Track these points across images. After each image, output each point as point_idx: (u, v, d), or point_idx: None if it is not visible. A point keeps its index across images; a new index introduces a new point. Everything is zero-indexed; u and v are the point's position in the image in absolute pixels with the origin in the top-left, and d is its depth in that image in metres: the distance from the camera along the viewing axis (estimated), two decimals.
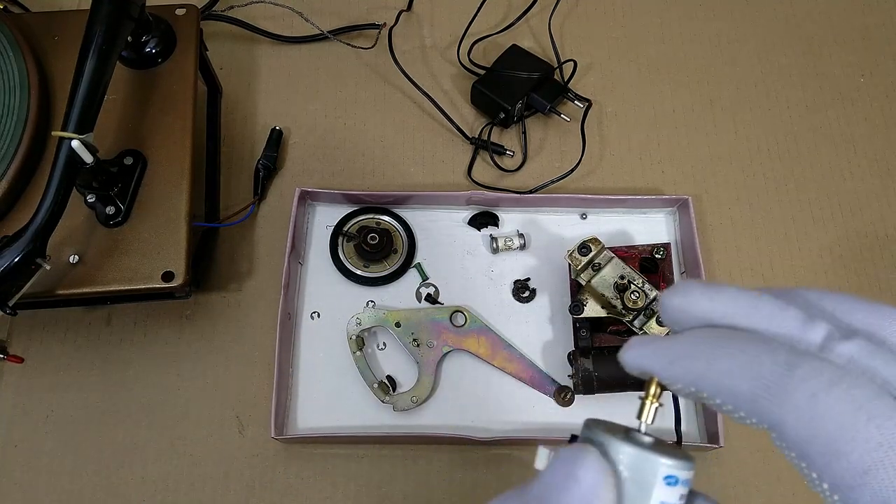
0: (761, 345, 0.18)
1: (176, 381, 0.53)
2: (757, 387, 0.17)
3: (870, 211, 0.59)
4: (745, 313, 0.19)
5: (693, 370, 0.18)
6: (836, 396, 0.16)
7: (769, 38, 0.66)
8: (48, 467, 0.51)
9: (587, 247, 0.51)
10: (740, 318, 0.19)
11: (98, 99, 0.43)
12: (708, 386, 0.18)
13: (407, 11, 0.66)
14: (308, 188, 0.55)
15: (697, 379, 0.18)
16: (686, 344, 0.19)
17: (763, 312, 0.19)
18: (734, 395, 0.17)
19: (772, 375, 0.17)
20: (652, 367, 0.19)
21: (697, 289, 0.20)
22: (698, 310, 0.19)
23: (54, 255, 0.45)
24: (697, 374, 0.18)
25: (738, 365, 0.17)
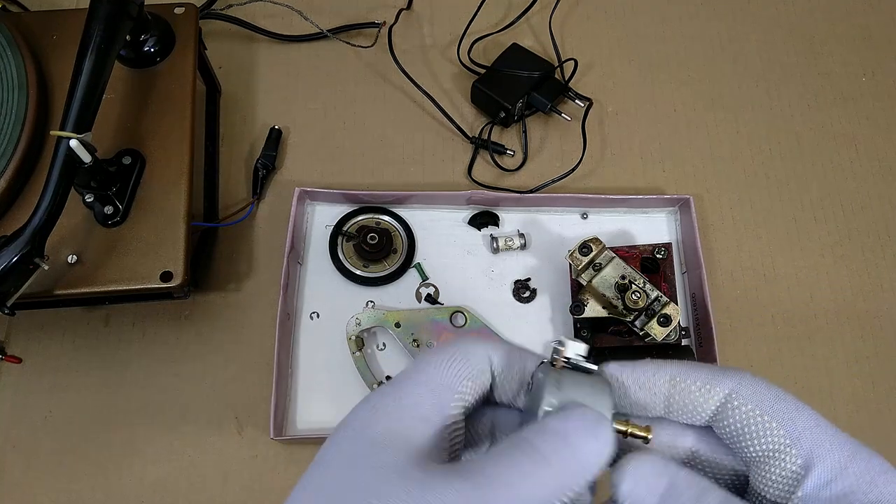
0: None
1: (175, 381, 0.53)
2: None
3: (871, 210, 0.59)
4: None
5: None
6: None
7: (771, 38, 0.66)
8: (48, 467, 0.51)
9: (588, 247, 0.51)
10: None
11: (96, 98, 0.43)
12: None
13: (407, 10, 0.66)
14: (307, 188, 0.55)
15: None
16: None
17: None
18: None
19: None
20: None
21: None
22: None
23: (52, 254, 0.45)
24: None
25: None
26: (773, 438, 0.20)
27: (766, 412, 0.21)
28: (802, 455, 0.20)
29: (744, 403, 0.21)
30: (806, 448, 0.20)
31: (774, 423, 0.20)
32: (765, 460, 0.21)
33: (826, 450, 0.20)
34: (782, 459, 0.20)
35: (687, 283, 0.56)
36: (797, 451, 0.20)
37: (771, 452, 0.20)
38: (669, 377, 0.22)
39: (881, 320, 0.56)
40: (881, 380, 0.54)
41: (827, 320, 0.56)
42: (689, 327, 0.54)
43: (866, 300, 0.56)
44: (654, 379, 0.22)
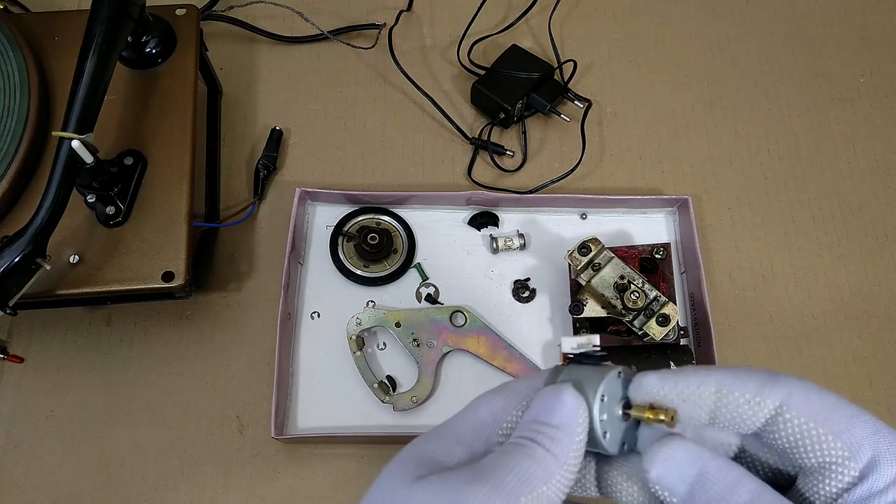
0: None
1: (176, 380, 0.53)
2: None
3: (869, 211, 0.59)
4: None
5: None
6: None
7: (769, 39, 0.66)
8: (48, 467, 0.51)
9: (587, 247, 0.51)
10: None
11: (98, 99, 0.44)
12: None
13: (407, 11, 0.66)
14: (308, 188, 0.55)
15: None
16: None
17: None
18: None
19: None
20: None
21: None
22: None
23: (54, 255, 0.45)
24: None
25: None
26: (829, 451, 0.20)
27: (821, 424, 0.20)
28: (860, 467, 0.19)
29: (796, 416, 0.20)
30: (864, 459, 0.19)
31: (831, 435, 0.20)
32: (819, 471, 0.20)
33: (886, 459, 0.19)
34: (839, 472, 0.19)
35: (685, 283, 0.56)
36: (855, 463, 0.19)
37: (826, 465, 0.20)
38: (715, 389, 0.21)
39: (879, 320, 0.56)
40: (879, 379, 0.54)
41: (825, 320, 0.56)
42: (687, 327, 0.54)
43: (864, 300, 0.57)
44: (700, 392, 0.21)
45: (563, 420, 0.21)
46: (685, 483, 0.20)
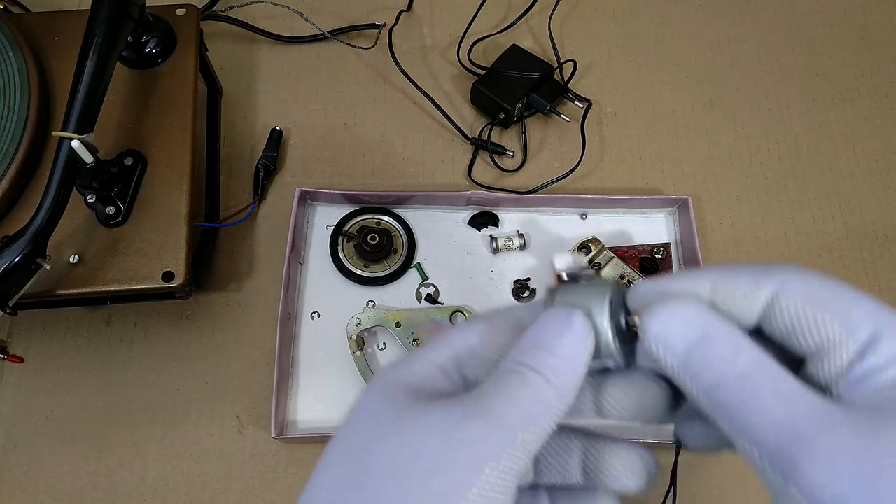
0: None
1: (176, 381, 0.53)
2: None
3: (869, 211, 0.59)
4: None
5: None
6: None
7: (769, 39, 0.66)
8: (48, 467, 0.51)
9: (587, 247, 0.51)
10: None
11: (98, 99, 0.43)
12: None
13: (407, 11, 0.66)
14: (308, 188, 0.55)
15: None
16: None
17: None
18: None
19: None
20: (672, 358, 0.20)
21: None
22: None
23: (54, 255, 0.45)
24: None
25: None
26: (827, 332, 0.19)
27: (819, 306, 0.19)
28: (858, 346, 0.18)
29: (793, 301, 0.19)
30: (863, 339, 0.18)
31: (828, 315, 0.19)
32: (819, 354, 0.19)
33: (886, 337, 0.18)
34: (838, 351, 0.19)
35: None
36: (854, 341, 0.19)
37: (826, 346, 0.19)
38: (710, 286, 0.21)
39: None
40: None
41: None
42: None
43: None
44: (695, 290, 0.21)
45: (568, 350, 0.21)
46: (686, 343, 0.19)
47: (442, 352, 0.23)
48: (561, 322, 0.21)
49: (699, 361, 0.19)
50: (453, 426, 0.19)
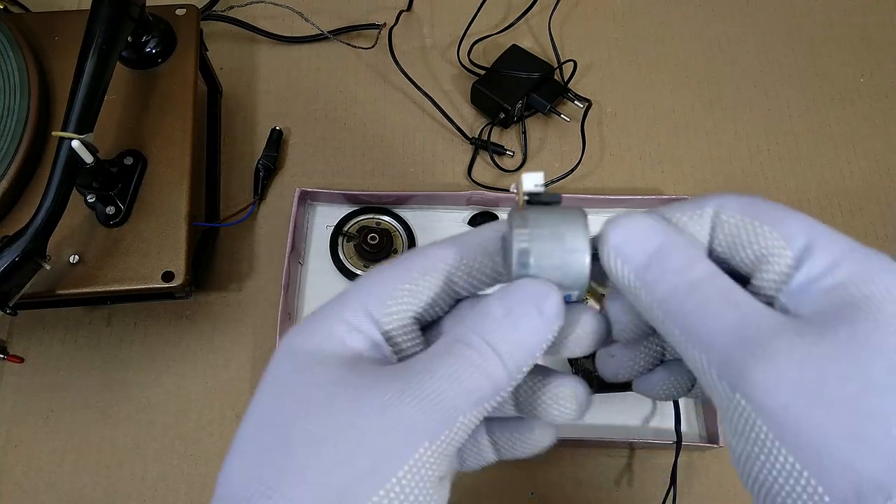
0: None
1: (176, 381, 0.53)
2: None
3: (869, 211, 0.59)
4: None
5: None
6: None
7: (769, 39, 0.66)
8: (48, 467, 0.51)
9: None
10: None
11: (98, 99, 0.43)
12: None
13: (407, 11, 0.66)
14: (308, 188, 0.55)
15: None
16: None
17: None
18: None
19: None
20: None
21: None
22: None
23: (54, 255, 0.45)
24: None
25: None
26: (765, 241, 0.20)
27: (757, 218, 0.20)
28: (795, 253, 0.19)
29: (732, 215, 0.20)
30: (799, 246, 0.19)
31: (766, 226, 0.20)
32: (760, 264, 0.20)
33: (821, 247, 0.19)
34: (776, 261, 0.20)
35: None
36: (791, 250, 0.19)
37: (765, 255, 0.20)
38: (661, 217, 0.21)
39: None
40: None
41: None
42: None
43: None
44: (648, 228, 0.21)
45: (533, 333, 0.20)
46: (645, 253, 0.20)
47: (375, 296, 0.22)
48: (536, 300, 0.20)
49: (655, 271, 0.20)
50: (389, 402, 0.19)
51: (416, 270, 0.22)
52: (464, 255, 0.22)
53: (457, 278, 0.22)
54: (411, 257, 0.22)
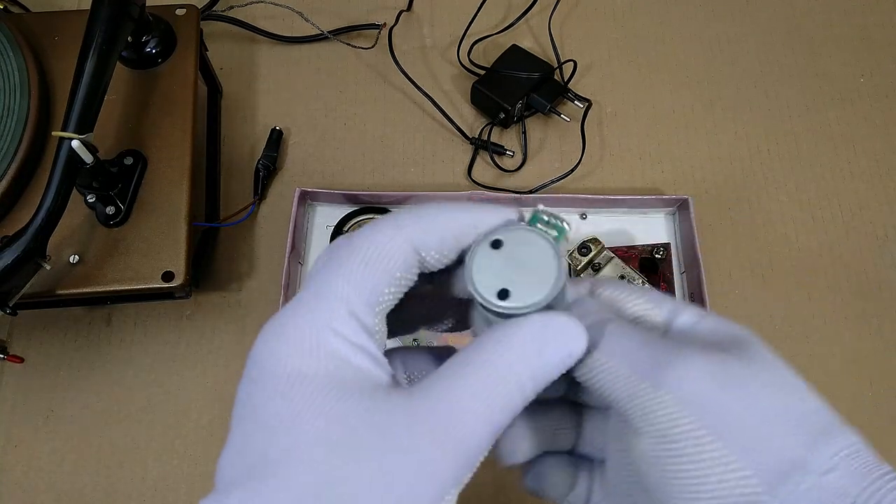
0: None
1: (176, 381, 0.53)
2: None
3: (869, 211, 0.59)
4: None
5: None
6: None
7: (769, 39, 0.66)
8: (48, 467, 0.51)
9: (587, 247, 0.51)
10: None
11: (98, 99, 0.43)
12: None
13: (407, 11, 0.66)
14: (308, 188, 0.55)
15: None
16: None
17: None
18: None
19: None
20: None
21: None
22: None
23: (54, 254, 0.45)
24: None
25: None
26: (637, 305, 0.23)
27: (626, 290, 0.24)
28: (664, 314, 0.23)
29: (604, 289, 0.24)
30: (666, 309, 0.23)
31: (634, 295, 0.23)
32: (639, 321, 0.23)
33: (682, 308, 0.23)
34: (650, 319, 0.23)
35: (685, 283, 0.56)
36: (659, 311, 0.23)
37: (639, 315, 0.23)
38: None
39: (879, 320, 0.56)
40: (879, 379, 0.54)
41: (825, 320, 0.56)
42: None
43: (864, 300, 0.57)
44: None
45: (560, 367, 0.20)
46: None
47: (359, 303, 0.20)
48: (574, 339, 0.20)
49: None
50: (418, 447, 0.18)
51: (396, 265, 0.21)
52: (438, 244, 0.21)
53: (428, 263, 0.22)
54: (382, 244, 0.20)
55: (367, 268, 0.20)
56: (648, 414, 0.20)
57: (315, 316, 0.20)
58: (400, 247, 0.21)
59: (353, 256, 0.20)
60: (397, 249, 0.21)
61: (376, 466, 0.17)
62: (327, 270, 0.20)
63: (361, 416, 0.18)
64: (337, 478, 0.17)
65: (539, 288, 0.21)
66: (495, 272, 0.21)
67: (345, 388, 0.19)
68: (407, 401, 0.19)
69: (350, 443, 0.18)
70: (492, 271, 0.21)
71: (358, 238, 0.21)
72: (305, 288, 0.21)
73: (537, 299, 0.20)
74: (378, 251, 0.20)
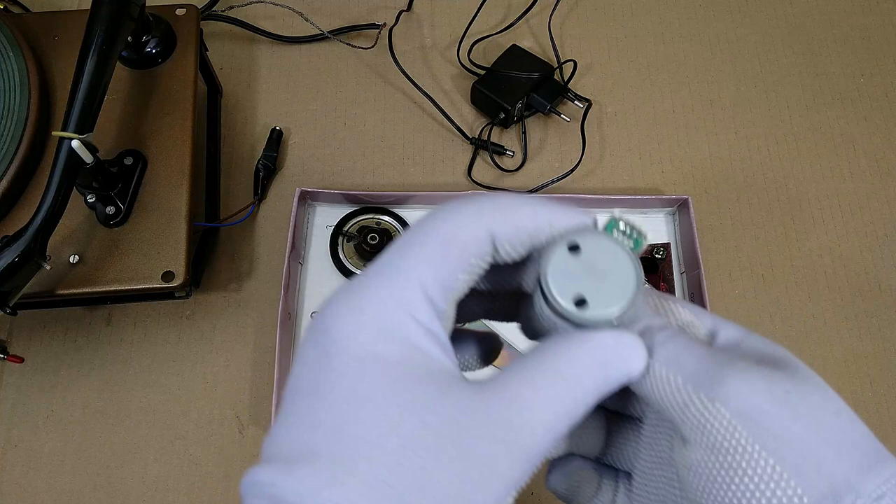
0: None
1: (176, 381, 0.53)
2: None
3: (869, 210, 0.59)
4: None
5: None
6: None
7: (769, 38, 0.66)
8: (48, 467, 0.51)
9: None
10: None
11: (98, 99, 0.43)
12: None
13: (407, 11, 0.66)
14: (308, 188, 0.55)
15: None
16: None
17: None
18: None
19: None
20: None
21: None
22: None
23: (54, 254, 0.45)
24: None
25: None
26: (682, 315, 0.23)
27: (667, 300, 0.23)
28: (707, 326, 0.23)
29: (649, 297, 0.23)
30: (708, 322, 0.23)
31: (677, 305, 0.23)
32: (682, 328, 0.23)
33: (726, 324, 0.23)
34: (695, 329, 0.23)
35: (685, 283, 0.56)
36: (702, 322, 0.23)
37: (686, 322, 0.23)
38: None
39: (879, 320, 0.56)
40: (879, 379, 0.54)
41: (825, 320, 0.56)
42: None
43: (864, 300, 0.57)
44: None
45: (619, 383, 0.20)
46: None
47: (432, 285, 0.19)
48: (638, 361, 0.21)
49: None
50: (491, 454, 0.18)
51: (472, 252, 0.20)
52: (513, 236, 0.21)
53: (498, 255, 0.21)
54: (462, 228, 0.20)
55: (445, 251, 0.20)
56: (702, 425, 0.20)
57: (393, 296, 0.19)
58: (478, 234, 0.20)
59: (432, 238, 0.20)
60: (475, 236, 0.20)
61: (448, 466, 0.17)
62: (406, 249, 0.20)
63: (436, 411, 0.18)
64: (408, 473, 0.17)
65: (617, 300, 0.20)
66: (572, 278, 0.20)
67: (419, 377, 0.18)
68: (480, 402, 0.18)
69: (424, 438, 0.17)
70: (568, 276, 0.20)
71: (437, 220, 0.20)
72: (382, 263, 0.20)
73: (615, 312, 0.20)
74: (457, 235, 0.20)
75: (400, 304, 0.19)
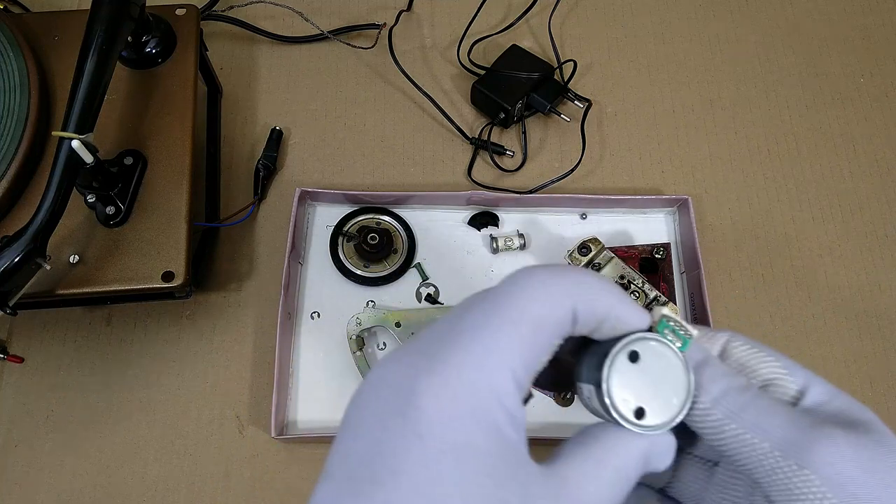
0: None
1: (176, 381, 0.53)
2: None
3: (869, 210, 0.59)
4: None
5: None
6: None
7: (769, 38, 0.66)
8: (48, 467, 0.51)
9: (587, 247, 0.51)
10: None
11: (98, 99, 0.43)
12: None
13: (407, 11, 0.66)
14: (308, 188, 0.55)
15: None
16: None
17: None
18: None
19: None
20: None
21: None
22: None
23: (54, 254, 0.45)
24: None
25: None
26: (771, 368, 0.23)
27: (761, 349, 0.23)
28: (800, 384, 0.22)
29: (741, 344, 0.24)
30: (801, 378, 0.23)
31: (770, 357, 0.23)
32: (767, 387, 0.23)
33: (815, 381, 0.23)
34: (783, 385, 0.23)
35: (685, 283, 0.56)
36: (794, 378, 0.23)
37: (773, 379, 0.23)
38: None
39: (879, 320, 0.56)
40: (879, 379, 0.54)
41: (825, 320, 0.56)
42: None
43: (864, 300, 0.57)
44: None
45: (649, 472, 0.22)
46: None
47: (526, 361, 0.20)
48: (666, 458, 0.22)
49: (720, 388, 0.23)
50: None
51: (559, 333, 0.21)
52: (586, 318, 0.21)
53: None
54: (553, 308, 0.21)
55: (537, 336, 0.20)
56: (791, 490, 0.20)
57: (483, 380, 0.19)
58: (566, 315, 0.21)
59: (525, 318, 0.20)
60: (563, 317, 0.21)
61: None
62: (498, 327, 0.20)
63: (513, 491, 0.18)
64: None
65: (671, 409, 0.22)
66: (632, 388, 0.22)
67: (501, 469, 0.19)
68: (547, 488, 0.19)
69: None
70: (628, 387, 0.22)
71: (528, 299, 0.20)
72: (471, 335, 0.20)
73: (669, 421, 0.22)
74: (549, 318, 0.20)
75: (491, 390, 0.19)
